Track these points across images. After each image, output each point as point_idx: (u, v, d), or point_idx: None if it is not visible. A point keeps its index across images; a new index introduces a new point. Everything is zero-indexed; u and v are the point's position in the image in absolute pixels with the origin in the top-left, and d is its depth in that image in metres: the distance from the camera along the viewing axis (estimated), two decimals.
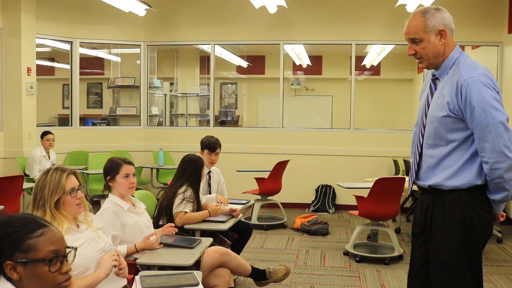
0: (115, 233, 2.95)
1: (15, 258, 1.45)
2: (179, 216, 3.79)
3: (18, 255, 1.45)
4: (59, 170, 2.43)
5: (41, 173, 2.44)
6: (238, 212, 4.14)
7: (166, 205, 3.82)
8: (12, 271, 1.45)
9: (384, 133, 7.89)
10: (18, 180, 5.08)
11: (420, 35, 2.31)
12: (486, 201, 2.30)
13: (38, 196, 2.36)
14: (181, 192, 3.84)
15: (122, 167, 3.10)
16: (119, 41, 8.37)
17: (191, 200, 3.86)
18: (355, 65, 7.94)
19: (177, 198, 3.82)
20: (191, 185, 3.91)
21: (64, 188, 2.38)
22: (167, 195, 3.88)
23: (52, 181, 2.37)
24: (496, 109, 2.19)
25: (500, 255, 5.43)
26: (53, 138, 6.76)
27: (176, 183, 3.92)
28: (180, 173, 3.97)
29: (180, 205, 3.81)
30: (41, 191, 2.36)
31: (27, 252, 1.47)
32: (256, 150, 7.97)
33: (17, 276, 1.45)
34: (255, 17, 7.81)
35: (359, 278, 4.64)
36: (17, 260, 1.45)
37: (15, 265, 1.45)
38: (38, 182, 2.40)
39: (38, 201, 2.36)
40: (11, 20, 6.88)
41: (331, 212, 7.60)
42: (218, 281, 3.32)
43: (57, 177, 2.39)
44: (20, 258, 1.45)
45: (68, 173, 2.43)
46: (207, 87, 10.41)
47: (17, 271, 1.45)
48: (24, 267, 1.45)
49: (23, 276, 1.46)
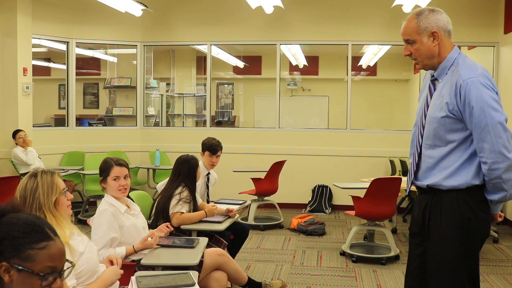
0: (114, 235, 2.94)
1: (12, 261, 1.42)
2: (176, 216, 3.79)
3: (16, 260, 1.43)
4: (48, 172, 2.34)
5: (27, 177, 2.32)
6: (235, 212, 4.14)
7: (163, 207, 3.82)
8: (5, 272, 1.42)
9: (381, 134, 7.90)
10: (14, 181, 5.07)
11: (413, 37, 2.34)
12: (484, 201, 2.30)
13: (30, 200, 2.25)
14: (177, 193, 3.84)
15: (112, 169, 3.05)
16: (115, 42, 8.36)
17: (187, 201, 3.86)
18: (352, 65, 7.94)
19: (173, 199, 3.82)
20: (187, 185, 3.91)
21: (59, 187, 2.31)
22: (163, 197, 3.87)
23: (44, 182, 2.28)
24: (495, 109, 2.19)
25: (496, 255, 5.45)
26: (25, 134, 6.71)
27: (172, 184, 3.92)
28: (175, 174, 3.97)
29: (176, 206, 3.81)
30: (32, 194, 2.26)
31: (25, 261, 1.44)
32: (253, 151, 7.97)
33: (8, 278, 1.42)
34: (252, 18, 7.81)
35: (356, 278, 4.65)
36: (14, 264, 1.43)
37: (10, 268, 1.42)
38: (26, 185, 2.28)
39: (30, 205, 2.25)
40: (7, 20, 6.86)
41: (327, 212, 7.61)
42: (215, 284, 3.32)
43: (49, 178, 2.30)
44: (17, 264, 1.43)
45: (57, 174, 2.36)
46: (203, 87, 10.40)
47: (10, 274, 1.42)
48: (18, 273, 1.43)
49: (14, 281, 1.43)
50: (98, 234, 2.91)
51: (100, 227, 2.93)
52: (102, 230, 2.92)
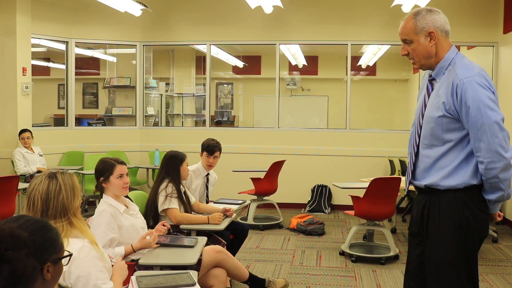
0: (113, 236, 2.94)
1: (51, 258, 1.47)
2: (173, 214, 3.78)
3: (54, 255, 1.48)
4: (65, 173, 2.19)
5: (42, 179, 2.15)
6: (232, 211, 4.14)
7: (151, 204, 3.83)
8: (47, 272, 1.45)
9: (380, 133, 7.90)
10: (13, 181, 5.06)
11: (410, 37, 2.35)
12: (482, 201, 2.30)
13: (53, 203, 2.11)
14: (162, 189, 3.84)
15: (116, 167, 3.06)
16: (114, 41, 8.35)
17: (174, 195, 3.84)
18: (351, 65, 7.94)
19: (160, 196, 3.82)
20: (172, 180, 3.89)
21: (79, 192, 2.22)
22: (150, 195, 3.89)
23: (67, 184, 2.15)
24: (491, 109, 2.19)
25: (496, 255, 5.45)
26: (28, 136, 6.71)
27: (157, 180, 3.92)
28: (160, 170, 3.98)
29: (165, 202, 3.79)
30: (57, 197, 2.11)
31: (60, 251, 1.51)
32: (252, 150, 7.97)
33: (49, 276, 1.46)
34: (251, 17, 7.81)
35: (355, 278, 4.65)
36: (53, 260, 1.47)
37: (50, 265, 1.46)
38: (48, 187, 2.12)
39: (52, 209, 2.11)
40: (6, 20, 6.85)
41: (327, 212, 7.61)
42: (214, 281, 3.32)
43: (70, 181, 2.17)
44: (54, 257, 1.47)
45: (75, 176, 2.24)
46: (203, 87, 10.41)
47: (50, 271, 1.46)
48: (54, 265, 1.47)
49: (52, 275, 1.47)
50: (97, 235, 2.90)
51: (99, 228, 2.93)
52: (101, 230, 2.92)
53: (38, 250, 1.42)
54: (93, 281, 2.09)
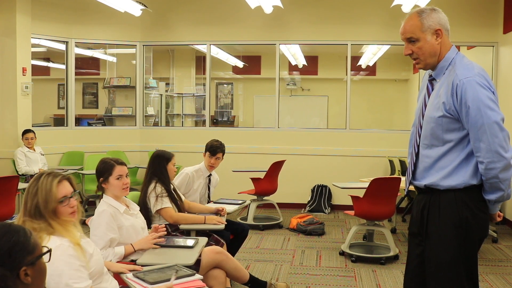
0: (112, 236, 2.94)
1: (26, 261, 1.42)
2: (168, 214, 3.76)
3: (28, 257, 1.43)
4: (50, 176, 2.20)
5: (33, 178, 2.22)
6: (225, 211, 4.14)
7: (142, 206, 3.80)
8: (26, 276, 1.42)
9: (380, 133, 7.90)
10: (13, 181, 5.05)
11: (417, 35, 2.33)
12: (482, 201, 2.30)
13: (29, 204, 2.15)
14: (151, 190, 3.80)
15: (115, 168, 3.05)
16: (114, 41, 8.35)
17: (164, 195, 3.82)
18: (351, 65, 7.94)
19: (150, 197, 3.78)
20: (159, 180, 3.86)
21: (56, 196, 2.17)
22: (140, 196, 3.85)
23: (43, 189, 2.16)
24: (491, 109, 2.19)
25: (496, 255, 5.45)
26: (32, 137, 6.71)
27: (144, 181, 3.89)
28: (148, 170, 3.94)
29: (157, 203, 3.76)
30: (32, 198, 2.15)
31: (34, 251, 1.46)
32: (252, 150, 7.97)
33: (30, 279, 1.43)
34: (251, 17, 7.81)
35: (355, 278, 4.65)
36: (28, 262, 1.43)
37: (27, 268, 1.42)
38: (29, 187, 2.18)
39: (29, 209, 2.15)
40: (6, 20, 6.85)
41: (327, 212, 7.61)
42: (213, 282, 3.31)
43: (48, 184, 2.17)
44: (28, 260, 1.43)
45: (60, 179, 2.21)
46: (202, 87, 10.41)
47: (29, 274, 1.43)
48: (32, 267, 1.44)
49: (33, 277, 1.44)
50: (97, 235, 2.91)
51: (99, 228, 2.93)
52: (101, 231, 2.92)
53: (5, 258, 1.38)
54: (65, 280, 2.05)
